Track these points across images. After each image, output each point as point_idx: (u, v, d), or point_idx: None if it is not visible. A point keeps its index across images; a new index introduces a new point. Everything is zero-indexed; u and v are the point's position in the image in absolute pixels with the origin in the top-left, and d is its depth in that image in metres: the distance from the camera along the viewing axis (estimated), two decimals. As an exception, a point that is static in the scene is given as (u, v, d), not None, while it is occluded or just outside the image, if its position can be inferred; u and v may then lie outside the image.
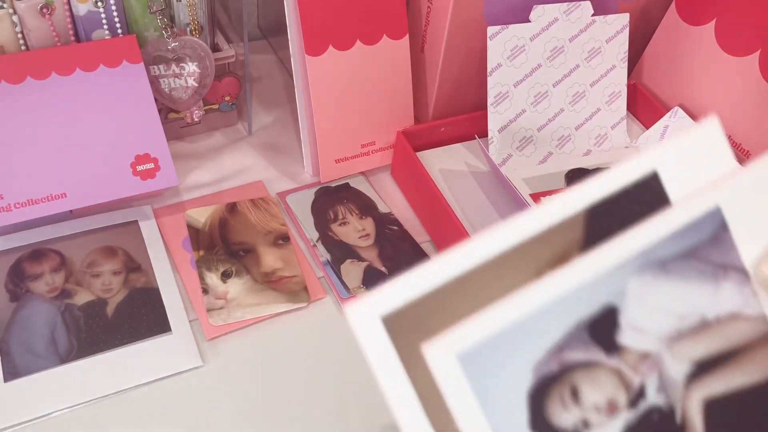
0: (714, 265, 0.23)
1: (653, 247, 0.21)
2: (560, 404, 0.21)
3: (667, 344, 0.22)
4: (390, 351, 0.20)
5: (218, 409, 0.39)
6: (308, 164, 0.54)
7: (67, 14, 0.46)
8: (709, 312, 0.23)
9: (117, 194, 0.46)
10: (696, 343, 0.23)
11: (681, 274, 0.22)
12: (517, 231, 0.21)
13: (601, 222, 0.22)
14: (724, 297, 0.23)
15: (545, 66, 0.53)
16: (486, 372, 0.20)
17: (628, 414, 0.22)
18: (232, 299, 0.44)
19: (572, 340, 0.21)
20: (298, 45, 0.48)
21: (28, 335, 0.41)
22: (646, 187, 0.23)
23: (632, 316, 0.22)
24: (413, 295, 0.20)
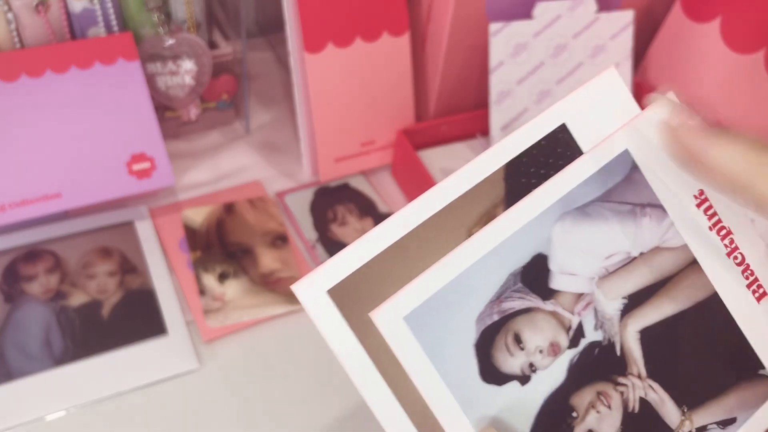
0: (631, 205, 0.24)
1: (570, 195, 0.23)
2: (506, 351, 0.23)
3: (597, 283, 0.24)
4: (340, 321, 0.21)
5: (215, 412, 0.39)
6: (307, 163, 0.53)
7: (63, 11, 0.45)
8: (632, 249, 0.24)
9: (112, 194, 0.45)
10: (624, 279, 0.24)
11: (600, 216, 0.24)
12: (443, 194, 0.23)
13: (520, 177, 0.24)
14: (645, 233, 0.24)
15: (548, 63, 0.52)
16: (433, 330, 0.21)
17: (570, 352, 0.23)
18: (230, 301, 0.44)
19: (509, 291, 0.23)
20: (296, 42, 0.48)
21: (22, 337, 0.40)
22: (557, 140, 0.24)
23: (560, 261, 0.23)
24: (355, 266, 0.21)
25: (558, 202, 0.23)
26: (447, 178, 0.23)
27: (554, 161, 0.24)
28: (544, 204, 0.23)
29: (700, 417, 0.25)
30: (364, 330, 0.22)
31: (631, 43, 0.55)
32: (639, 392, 0.24)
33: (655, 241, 0.25)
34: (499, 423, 0.22)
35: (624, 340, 0.24)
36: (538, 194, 0.23)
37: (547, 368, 0.23)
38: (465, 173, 0.23)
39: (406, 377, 0.21)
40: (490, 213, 0.23)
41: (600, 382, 0.24)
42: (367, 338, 0.22)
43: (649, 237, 0.25)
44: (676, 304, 0.25)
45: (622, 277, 0.24)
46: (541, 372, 0.23)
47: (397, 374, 0.22)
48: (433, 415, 0.22)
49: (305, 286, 0.21)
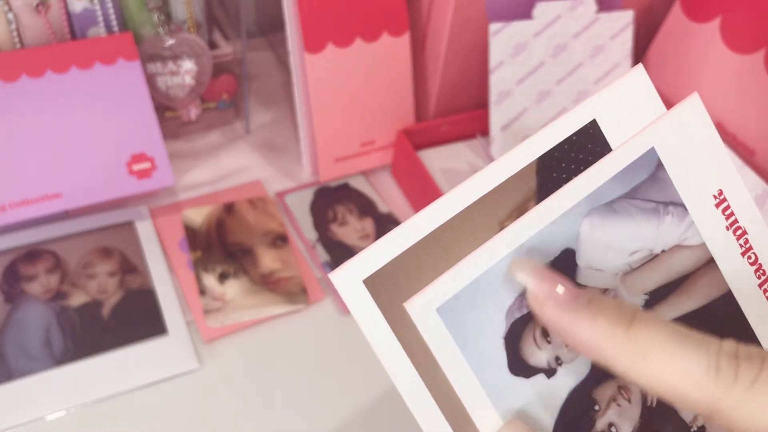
0: (655, 202, 0.25)
1: (599, 191, 0.24)
2: (533, 344, 0.23)
3: (621, 279, 0.24)
4: (375, 310, 0.21)
5: (215, 412, 0.39)
6: (307, 163, 0.53)
7: (63, 11, 0.45)
8: (655, 246, 0.25)
9: (112, 194, 0.45)
10: (647, 276, 0.25)
11: (627, 213, 0.24)
12: (477, 186, 0.23)
13: (552, 171, 0.24)
14: (667, 230, 0.25)
15: (548, 64, 0.52)
16: (464, 322, 0.22)
17: None
18: (230, 301, 0.44)
19: None
20: (296, 42, 0.48)
21: (22, 337, 0.40)
22: (588, 135, 0.24)
23: (587, 256, 0.24)
24: (390, 256, 0.21)
25: (586, 198, 0.23)
26: (480, 170, 0.23)
27: (584, 156, 0.24)
28: (574, 199, 0.23)
29: None
30: (397, 320, 0.22)
31: (630, 43, 0.55)
32: None
33: (675, 238, 0.25)
34: (526, 415, 0.23)
35: None
36: (568, 189, 0.23)
37: (572, 362, 0.23)
38: (499, 166, 0.23)
39: (437, 368, 0.22)
40: (522, 207, 0.24)
41: None
42: (401, 329, 0.22)
43: (670, 234, 0.25)
44: (693, 301, 0.25)
45: (644, 274, 0.25)
46: (566, 365, 0.23)
47: (429, 364, 0.22)
48: (462, 406, 0.22)
49: (342, 274, 0.21)
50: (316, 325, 0.44)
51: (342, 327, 0.44)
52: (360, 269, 0.21)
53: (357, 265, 0.21)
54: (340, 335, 0.43)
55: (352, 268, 0.21)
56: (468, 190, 0.23)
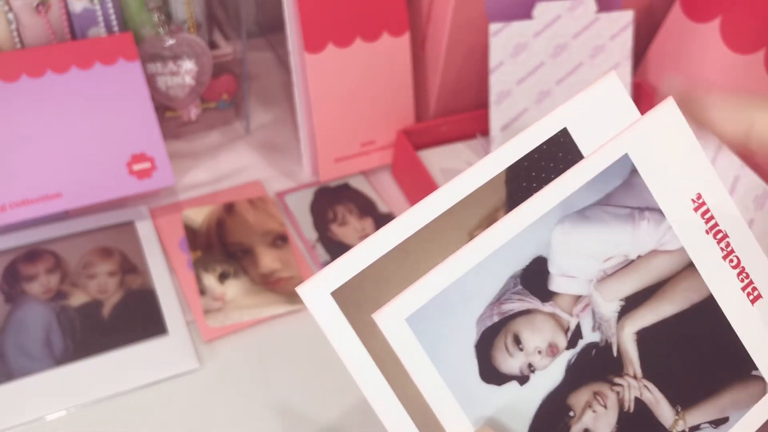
0: (630, 208, 0.25)
1: (570, 198, 0.24)
2: (505, 352, 0.23)
3: (596, 286, 0.24)
4: (343, 322, 0.21)
5: (215, 411, 0.39)
6: (307, 163, 0.53)
7: (63, 11, 0.45)
8: (631, 252, 0.25)
9: (113, 194, 0.45)
10: (622, 282, 0.25)
11: (600, 220, 0.24)
12: (445, 198, 0.23)
13: (521, 181, 0.24)
14: (643, 236, 0.25)
15: (548, 64, 0.52)
16: (434, 331, 0.22)
17: (568, 353, 0.24)
18: (230, 301, 0.44)
19: (509, 293, 0.23)
20: (297, 42, 0.48)
21: (23, 337, 0.40)
22: (558, 144, 0.24)
23: (559, 263, 0.24)
24: (358, 269, 0.22)
25: (558, 206, 0.23)
26: (449, 181, 0.23)
27: (555, 165, 0.24)
28: (545, 208, 0.23)
29: (693, 416, 0.25)
30: (366, 331, 0.22)
31: (630, 43, 0.55)
32: (634, 392, 0.24)
33: (652, 244, 0.25)
34: (498, 423, 0.23)
35: (621, 342, 0.24)
36: (538, 198, 0.23)
37: (545, 369, 0.23)
38: (467, 177, 0.23)
39: (407, 377, 0.22)
40: (492, 216, 0.24)
41: (597, 382, 0.24)
42: (370, 339, 0.22)
43: (646, 240, 0.25)
44: (673, 306, 0.25)
45: (619, 280, 0.25)
46: (539, 372, 0.23)
47: (399, 374, 0.22)
48: (433, 415, 0.22)
49: (309, 288, 0.21)
50: (315, 325, 0.44)
51: (342, 327, 0.44)
52: (328, 282, 0.21)
53: (325, 278, 0.21)
54: (340, 335, 0.43)
55: (319, 281, 0.21)
56: (436, 202, 0.23)
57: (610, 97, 0.25)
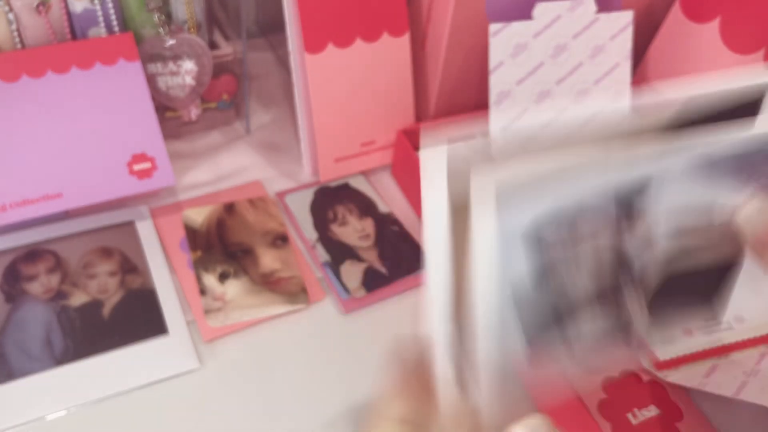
0: (750, 177, 0.23)
1: (719, 149, 0.22)
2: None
3: (669, 235, 0.24)
4: (442, 180, 0.21)
5: (216, 411, 0.39)
6: (307, 163, 0.53)
7: (64, 12, 0.45)
8: (717, 218, 0.24)
9: (113, 194, 0.45)
10: (690, 239, 0.24)
11: (720, 176, 0.23)
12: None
13: (692, 113, 0.22)
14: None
15: (548, 64, 0.52)
16: (515, 212, 0.20)
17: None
18: (230, 300, 0.44)
19: (597, 206, 0.22)
20: (297, 42, 0.48)
21: (23, 337, 0.40)
22: (746, 98, 0.23)
23: (662, 197, 0.23)
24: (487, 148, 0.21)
25: (704, 153, 0.22)
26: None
27: (731, 112, 0.23)
28: (697, 148, 0.22)
29: None
30: (459, 202, 0.21)
31: (630, 43, 0.55)
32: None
33: (733, 218, 0.24)
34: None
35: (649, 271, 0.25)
36: (696, 135, 0.22)
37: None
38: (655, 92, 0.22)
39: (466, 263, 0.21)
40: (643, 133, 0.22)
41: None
42: (459, 215, 0.21)
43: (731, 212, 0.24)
44: (708, 258, 0.25)
45: (690, 237, 0.24)
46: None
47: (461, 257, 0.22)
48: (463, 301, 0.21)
49: (433, 139, 0.21)
50: (316, 325, 0.44)
51: (342, 327, 0.44)
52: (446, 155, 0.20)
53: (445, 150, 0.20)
54: (340, 335, 0.43)
55: (441, 151, 0.20)
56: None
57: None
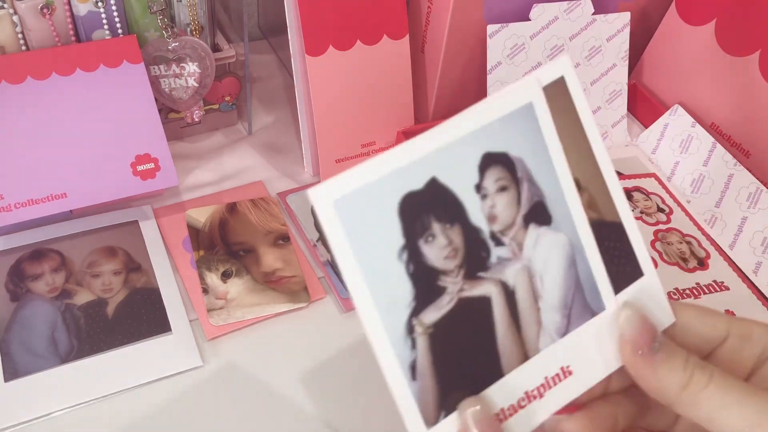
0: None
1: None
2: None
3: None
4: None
5: (218, 409, 0.39)
6: (308, 164, 0.54)
7: (68, 14, 0.46)
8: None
9: (117, 194, 0.46)
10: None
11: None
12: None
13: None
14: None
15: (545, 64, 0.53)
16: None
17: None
18: (232, 299, 0.44)
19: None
20: (298, 45, 0.48)
21: (28, 335, 0.41)
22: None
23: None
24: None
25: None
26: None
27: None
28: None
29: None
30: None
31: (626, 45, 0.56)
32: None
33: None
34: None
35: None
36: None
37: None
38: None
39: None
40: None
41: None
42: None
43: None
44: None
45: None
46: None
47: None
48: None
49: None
50: (317, 323, 0.44)
51: (343, 325, 0.44)
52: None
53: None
54: (341, 333, 0.44)
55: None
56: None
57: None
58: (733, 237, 0.51)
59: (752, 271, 0.50)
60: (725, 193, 0.53)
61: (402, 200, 0.22)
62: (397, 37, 0.51)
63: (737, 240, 0.51)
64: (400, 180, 0.22)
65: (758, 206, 0.51)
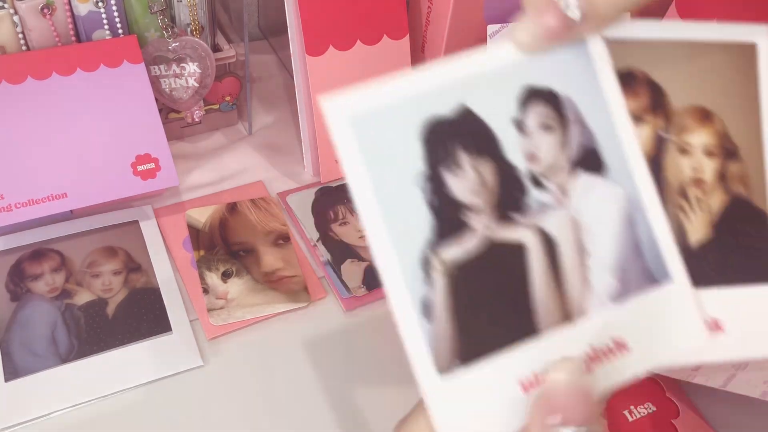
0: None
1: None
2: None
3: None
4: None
5: (219, 408, 0.39)
6: (308, 164, 0.54)
7: (68, 14, 0.46)
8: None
9: (117, 194, 0.46)
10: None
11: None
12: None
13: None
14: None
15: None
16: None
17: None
18: (233, 299, 0.44)
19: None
20: (298, 45, 0.48)
21: (28, 335, 0.41)
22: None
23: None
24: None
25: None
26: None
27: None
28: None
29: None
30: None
31: (627, 45, 0.56)
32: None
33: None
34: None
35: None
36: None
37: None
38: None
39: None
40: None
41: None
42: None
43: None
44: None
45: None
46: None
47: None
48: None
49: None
50: (317, 323, 0.44)
51: (343, 324, 0.45)
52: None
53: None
54: (342, 333, 0.44)
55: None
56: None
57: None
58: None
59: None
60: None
61: (426, 125, 0.21)
62: (397, 37, 0.51)
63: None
64: (426, 103, 0.21)
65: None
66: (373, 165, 0.20)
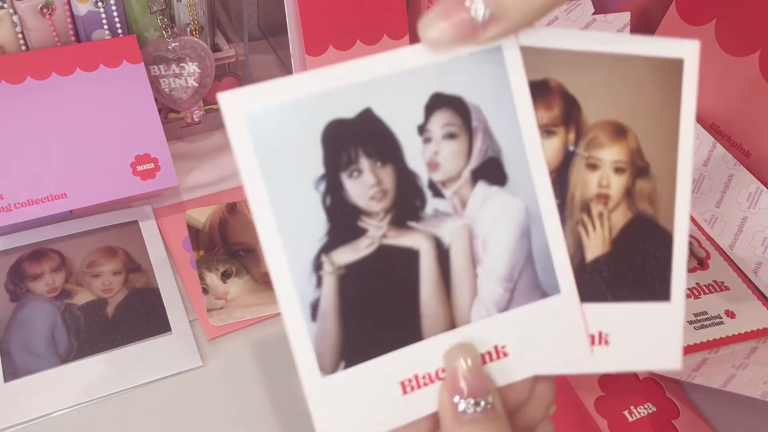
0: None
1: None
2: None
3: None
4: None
5: (218, 409, 0.39)
6: (308, 164, 0.54)
7: (68, 14, 0.46)
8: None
9: (117, 194, 0.46)
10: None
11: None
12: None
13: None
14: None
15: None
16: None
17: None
18: (232, 299, 0.44)
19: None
20: (298, 45, 0.48)
21: (28, 335, 0.41)
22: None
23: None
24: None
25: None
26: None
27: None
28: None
29: None
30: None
31: (627, 45, 0.56)
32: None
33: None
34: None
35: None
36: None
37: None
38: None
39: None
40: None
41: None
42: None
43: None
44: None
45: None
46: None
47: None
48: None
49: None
50: (317, 323, 0.44)
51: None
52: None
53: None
54: (342, 333, 0.44)
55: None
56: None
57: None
58: (733, 237, 0.51)
59: (752, 271, 0.50)
60: (725, 193, 0.53)
61: (327, 126, 0.20)
62: (397, 37, 0.51)
63: (737, 240, 0.51)
64: (329, 103, 0.20)
65: (758, 206, 0.51)
66: (268, 164, 0.19)
